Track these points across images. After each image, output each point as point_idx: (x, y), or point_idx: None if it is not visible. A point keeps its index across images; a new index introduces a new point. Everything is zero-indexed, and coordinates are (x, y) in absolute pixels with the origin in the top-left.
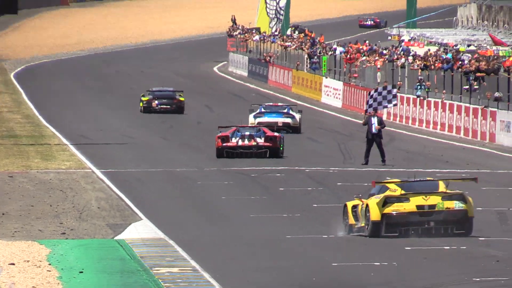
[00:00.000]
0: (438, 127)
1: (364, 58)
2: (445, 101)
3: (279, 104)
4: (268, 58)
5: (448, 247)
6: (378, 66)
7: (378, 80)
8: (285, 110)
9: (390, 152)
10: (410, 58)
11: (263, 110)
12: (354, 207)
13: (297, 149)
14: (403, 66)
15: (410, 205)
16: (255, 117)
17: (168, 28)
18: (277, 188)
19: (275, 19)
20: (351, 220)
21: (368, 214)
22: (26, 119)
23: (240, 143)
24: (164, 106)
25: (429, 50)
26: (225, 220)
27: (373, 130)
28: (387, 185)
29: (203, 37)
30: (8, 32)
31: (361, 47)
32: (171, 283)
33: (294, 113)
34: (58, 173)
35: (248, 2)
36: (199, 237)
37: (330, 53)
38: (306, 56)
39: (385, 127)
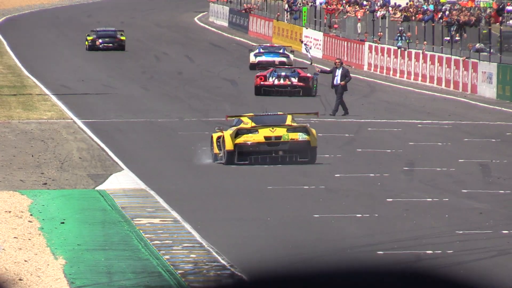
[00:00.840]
0: (420, 78)
1: (343, 8)
2: (426, 52)
3: (275, 45)
4: (248, 9)
5: (430, 199)
6: (359, 17)
7: (359, 31)
8: (281, 51)
9: (371, 103)
10: (391, 9)
11: (261, 50)
12: (219, 138)
13: (278, 100)
14: (383, 17)
15: (258, 136)
16: (255, 55)
17: None
18: None
19: None
20: (216, 150)
21: (224, 144)
22: (8, 70)
23: (276, 82)
24: (107, 44)
25: (410, 0)
26: (206, 171)
27: (335, 82)
28: (242, 118)
29: None
30: None
31: None
32: (152, 234)
33: (288, 53)
34: (40, 123)
35: None
36: (180, 187)
37: (310, 3)
38: (286, 6)
39: (350, 80)
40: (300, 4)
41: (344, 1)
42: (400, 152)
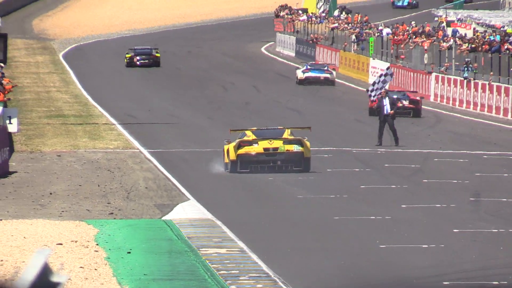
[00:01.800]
0: (486, 109)
1: (411, 39)
2: (492, 83)
3: (320, 62)
4: (315, 39)
5: (496, 230)
6: (425, 48)
7: (425, 62)
8: (325, 68)
9: (437, 134)
10: (458, 39)
11: (308, 67)
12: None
13: (344, 130)
14: (450, 48)
15: (258, 148)
16: (303, 72)
17: (216, 8)
18: (325, 169)
19: (323, 0)
20: (226, 159)
21: (228, 155)
22: (74, 99)
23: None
24: (143, 61)
25: (476, 31)
26: (273, 201)
27: (385, 112)
28: (246, 132)
29: (250, 17)
30: (57, 11)
31: (407, 28)
32: (219, 264)
33: (331, 70)
34: (106, 152)
35: None
36: (247, 217)
37: (377, 34)
38: (353, 37)
39: (398, 109)
40: (366, 34)
41: (410, 32)
42: (466, 183)
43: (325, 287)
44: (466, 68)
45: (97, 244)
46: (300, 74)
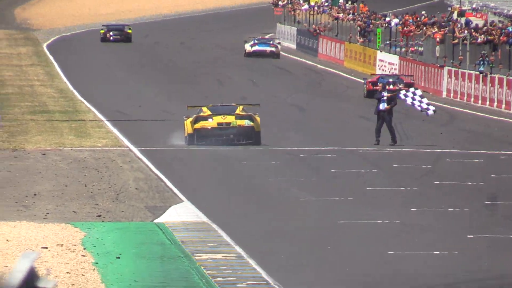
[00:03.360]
0: (503, 105)
1: (420, 30)
2: (510, 77)
3: (266, 37)
4: (318, 30)
5: None
6: (438, 40)
7: (437, 54)
8: (271, 42)
9: (450, 132)
10: (473, 31)
11: (256, 41)
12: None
13: (350, 128)
14: (464, 40)
15: (213, 123)
16: (251, 46)
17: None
18: (328, 170)
19: None
20: (185, 133)
21: (186, 129)
22: (60, 93)
23: (386, 87)
24: (115, 37)
25: (493, 22)
26: (273, 203)
27: (380, 107)
28: (202, 108)
29: (247, 6)
30: (41, 0)
31: (418, 18)
32: (214, 270)
33: (276, 44)
34: (94, 151)
35: None
36: (245, 221)
37: (385, 25)
38: (358, 28)
39: (396, 105)
40: (373, 25)
41: (421, 22)
42: (481, 185)
43: None
44: (481, 62)
45: (84, 248)
46: (248, 48)
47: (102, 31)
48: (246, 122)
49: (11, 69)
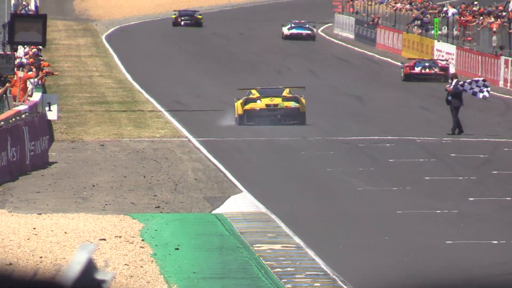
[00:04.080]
0: None
1: (478, 19)
2: None
3: (303, 21)
4: (376, 19)
5: None
6: (494, 29)
7: (494, 44)
8: (306, 25)
9: (508, 122)
10: None
11: (292, 25)
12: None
13: (408, 118)
14: None
15: (261, 104)
16: (288, 29)
17: None
18: (387, 160)
19: None
20: (236, 114)
21: (236, 111)
22: (118, 84)
23: (422, 71)
24: (186, 21)
25: None
26: (331, 193)
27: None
28: (251, 90)
29: None
30: None
31: (475, 8)
32: (273, 261)
33: (312, 27)
34: (152, 141)
35: None
36: (303, 211)
37: (442, 14)
38: (414, 18)
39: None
40: (430, 15)
41: (478, 12)
42: None
43: (387, 286)
44: None
45: (143, 240)
46: (286, 31)
47: (174, 16)
48: (292, 104)
49: (70, 60)
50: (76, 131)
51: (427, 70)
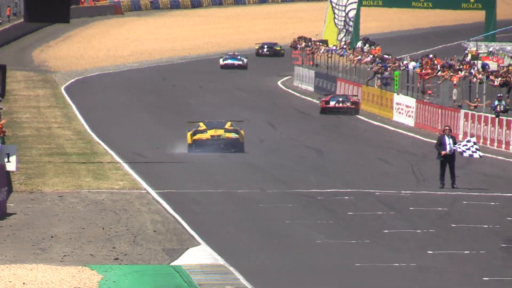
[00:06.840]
0: None
1: (438, 73)
2: None
3: (236, 53)
4: (335, 72)
5: None
6: (454, 82)
7: (454, 98)
8: (239, 57)
9: (466, 175)
10: (491, 75)
11: (227, 56)
12: None
13: (367, 171)
14: (481, 82)
15: (207, 135)
16: (223, 60)
17: (229, 39)
18: (346, 212)
19: (344, 30)
20: (187, 144)
21: (187, 140)
22: (77, 135)
23: (336, 105)
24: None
25: (509, 65)
26: (290, 246)
27: (448, 149)
28: (199, 123)
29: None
30: (59, 41)
31: (435, 62)
32: None
33: (243, 59)
34: (111, 193)
35: (314, 13)
36: (262, 264)
37: (402, 68)
38: (374, 71)
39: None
40: (391, 69)
41: (438, 66)
42: (497, 228)
43: None
44: (498, 104)
45: None
46: (221, 62)
47: (256, 47)
48: (233, 135)
49: (29, 111)
50: (35, 182)
51: (341, 104)
